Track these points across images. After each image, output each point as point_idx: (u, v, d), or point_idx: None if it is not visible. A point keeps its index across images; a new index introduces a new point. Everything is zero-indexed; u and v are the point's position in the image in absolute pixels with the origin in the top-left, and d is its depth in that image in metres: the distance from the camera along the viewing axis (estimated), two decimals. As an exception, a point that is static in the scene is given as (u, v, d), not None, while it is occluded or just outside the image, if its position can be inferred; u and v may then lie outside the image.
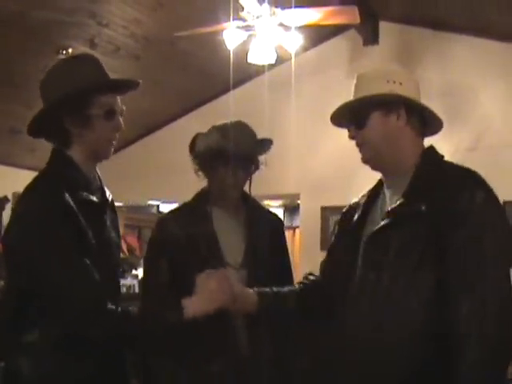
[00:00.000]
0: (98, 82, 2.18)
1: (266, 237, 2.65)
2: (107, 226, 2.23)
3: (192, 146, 2.61)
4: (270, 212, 2.86)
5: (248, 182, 2.67)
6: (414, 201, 1.96)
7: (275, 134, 2.68)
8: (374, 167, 2.17)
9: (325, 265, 2.42)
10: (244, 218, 2.65)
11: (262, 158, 2.65)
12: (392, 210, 2.02)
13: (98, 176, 2.30)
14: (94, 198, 2.17)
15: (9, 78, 6.53)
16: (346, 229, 2.27)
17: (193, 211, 2.60)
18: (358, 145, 2.16)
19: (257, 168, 2.63)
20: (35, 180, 2.14)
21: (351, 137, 2.16)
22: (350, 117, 2.16)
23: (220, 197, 2.61)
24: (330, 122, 2.23)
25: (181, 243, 2.51)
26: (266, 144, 2.63)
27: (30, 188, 2.11)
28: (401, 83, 2.07)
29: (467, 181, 1.95)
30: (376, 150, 2.11)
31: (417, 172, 2.03)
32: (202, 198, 2.64)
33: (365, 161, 2.16)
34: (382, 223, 2.04)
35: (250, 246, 2.58)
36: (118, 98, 2.23)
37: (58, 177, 2.13)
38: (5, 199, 7.38)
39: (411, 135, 2.06)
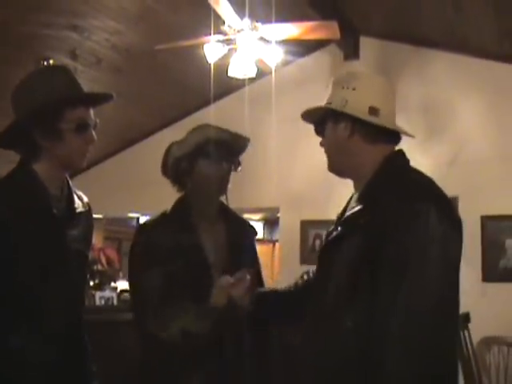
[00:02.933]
0: (68, 95, 2.15)
1: (245, 244, 2.67)
2: (67, 236, 2.20)
3: (166, 156, 2.60)
4: (246, 221, 2.87)
5: (224, 195, 2.68)
6: (358, 212, 1.94)
7: (255, 148, 2.68)
8: (338, 175, 2.18)
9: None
10: (222, 226, 2.65)
11: (240, 159, 2.65)
12: (339, 221, 2.03)
13: (69, 187, 2.29)
14: (54, 210, 2.15)
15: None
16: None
17: (177, 221, 2.58)
18: None
19: (238, 165, 2.62)
20: None
21: (320, 144, 2.18)
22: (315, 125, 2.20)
23: (201, 203, 2.60)
24: (309, 135, 2.23)
25: (169, 252, 2.49)
26: (244, 139, 2.63)
27: None
28: (354, 88, 2.05)
29: (410, 192, 1.87)
30: (332, 159, 2.13)
31: (369, 181, 2.00)
32: (182, 207, 2.63)
33: (328, 169, 2.19)
34: (331, 235, 2.04)
35: (231, 252, 2.59)
36: (91, 111, 2.20)
37: (2, 188, 2.14)
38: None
39: (363, 143, 2.02)
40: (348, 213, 2.01)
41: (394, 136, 2.07)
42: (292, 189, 7.50)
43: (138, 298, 2.58)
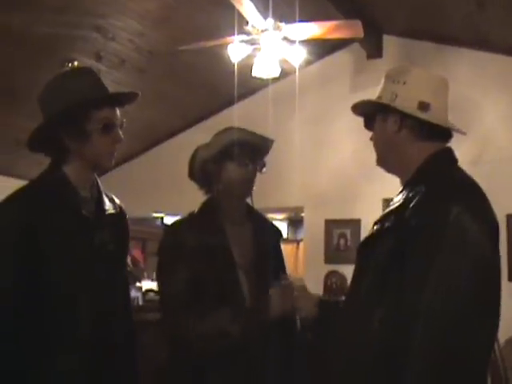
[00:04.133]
0: (93, 96, 2.16)
1: (270, 245, 2.68)
2: (96, 238, 2.21)
3: (193, 159, 2.61)
4: (272, 223, 2.88)
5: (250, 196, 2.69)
6: (393, 211, 1.93)
7: (279, 148, 2.68)
8: (386, 169, 2.13)
9: None
10: (249, 228, 2.66)
11: (265, 160, 2.66)
12: (376, 220, 2.00)
13: (98, 189, 2.31)
14: (83, 212, 2.17)
15: (14, 90, 6.56)
16: None
17: (204, 222, 2.60)
18: None
19: (263, 166, 2.63)
20: (13, 192, 2.16)
21: (371, 138, 2.14)
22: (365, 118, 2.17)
23: (228, 204, 2.61)
24: (333, 135, 2.22)
25: (195, 251, 2.50)
26: (269, 140, 2.64)
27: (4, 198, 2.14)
28: (404, 82, 2.02)
29: (445, 192, 1.85)
30: (380, 153, 2.11)
31: (409, 178, 1.99)
32: (209, 209, 2.64)
33: (377, 163, 2.14)
34: (367, 234, 2.02)
35: (257, 253, 2.60)
36: (117, 111, 2.22)
37: (33, 190, 2.16)
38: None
39: (411, 139, 2.00)
40: (385, 211, 1.98)
41: (445, 133, 2.04)
42: (316, 188, 7.49)
43: (167, 297, 2.59)
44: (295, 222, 11.02)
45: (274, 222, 2.93)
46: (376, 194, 6.46)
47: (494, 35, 6.29)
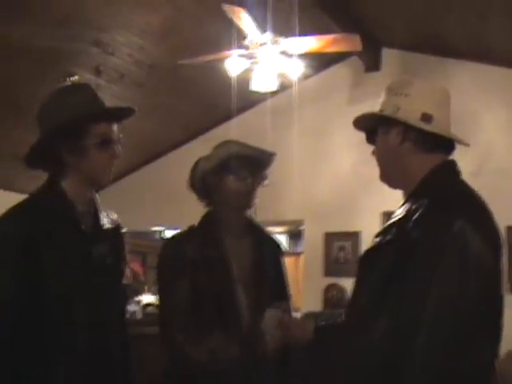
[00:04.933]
0: (91, 111, 2.18)
1: (270, 259, 2.67)
2: (94, 253, 2.21)
3: (194, 171, 2.62)
4: (272, 237, 2.87)
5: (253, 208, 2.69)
6: (394, 223, 1.92)
7: (278, 161, 2.68)
8: (389, 184, 2.12)
9: None
10: (250, 241, 2.66)
11: (266, 174, 2.66)
12: (377, 233, 1.98)
13: (96, 203, 2.31)
14: (81, 226, 2.19)
15: (14, 103, 6.57)
16: None
17: (203, 235, 2.60)
18: None
19: (264, 179, 2.63)
20: (11, 207, 2.16)
21: (373, 152, 2.12)
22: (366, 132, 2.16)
23: (228, 217, 2.61)
24: (332, 148, 2.22)
25: (195, 264, 2.50)
26: (269, 154, 2.65)
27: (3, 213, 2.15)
28: (406, 95, 2.01)
29: (447, 205, 1.84)
30: (383, 167, 2.09)
31: (412, 191, 1.97)
32: (209, 221, 2.64)
33: (380, 178, 2.12)
34: (368, 247, 2.00)
35: (256, 266, 2.59)
36: (115, 126, 2.23)
37: (32, 204, 2.18)
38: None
39: (414, 151, 1.98)
40: (387, 223, 1.97)
41: (448, 144, 2.03)
42: (316, 201, 7.48)
43: (165, 311, 2.59)
44: (295, 235, 11.00)
45: (274, 235, 2.93)
46: (375, 206, 6.45)
47: (496, 47, 6.29)
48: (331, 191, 7.39)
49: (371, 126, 2.10)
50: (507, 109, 6.60)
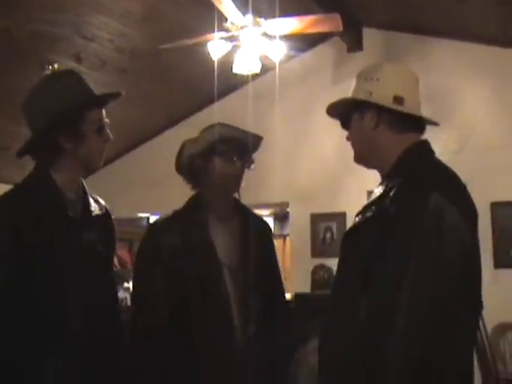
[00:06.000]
0: (88, 97, 2.21)
1: (259, 242, 2.67)
2: (84, 239, 2.23)
3: (180, 153, 2.61)
4: (261, 218, 2.87)
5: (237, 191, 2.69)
6: (372, 202, 1.96)
7: (262, 143, 2.68)
8: (366, 166, 2.18)
9: None
10: (237, 223, 2.66)
11: (253, 157, 2.66)
12: (358, 212, 2.03)
13: (84, 190, 2.32)
14: (70, 214, 2.19)
15: (-7, 94, 6.53)
16: None
17: (187, 218, 2.59)
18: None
19: (251, 163, 2.63)
20: None
21: (347, 138, 2.17)
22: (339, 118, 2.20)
23: (215, 200, 2.61)
24: (315, 129, 2.24)
25: (176, 250, 2.50)
26: (257, 137, 2.65)
27: None
28: (377, 79, 2.06)
29: (422, 181, 1.89)
30: (359, 151, 2.14)
31: (388, 170, 2.02)
32: (195, 205, 2.64)
33: (355, 160, 2.18)
34: (350, 226, 2.05)
35: (244, 250, 2.59)
36: (104, 111, 2.27)
37: (19, 194, 2.19)
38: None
39: (389, 133, 2.04)
40: (367, 202, 2.02)
41: (419, 125, 2.09)
42: (300, 183, 7.50)
43: (136, 296, 2.61)
44: (281, 218, 11.04)
45: (262, 217, 2.93)
46: (360, 186, 6.46)
47: (474, 25, 6.32)
48: (315, 172, 7.41)
49: (345, 112, 2.15)
50: (487, 85, 6.64)
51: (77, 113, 2.17)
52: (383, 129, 2.04)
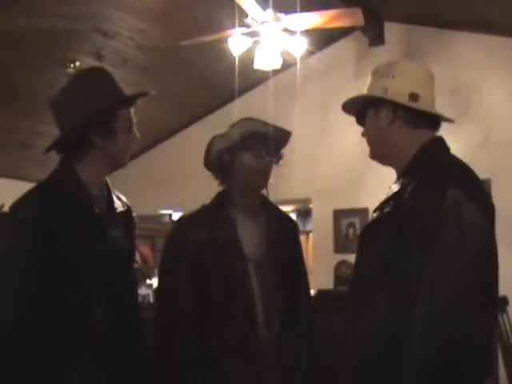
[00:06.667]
0: (120, 96, 2.26)
1: (285, 238, 2.67)
2: (109, 236, 2.25)
3: (209, 149, 2.60)
4: (288, 215, 2.87)
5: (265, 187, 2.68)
6: (391, 197, 1.98)
7: (286, 139, 2.68)
8: (381, 162, 2.20)
9: None
10: (264, 220, 2.65)
11: (282, 153, 2.66)
12: (375, 208, 2.05)
13: (108, 187, 2.33)
14: (96, 210, 2.22)
15: (15, 93, 6.57)
16: None
17: (214, 214, 2.60)
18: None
19: (280, 158, 2.63)
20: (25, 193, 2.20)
21: (362, 134, 2.20)
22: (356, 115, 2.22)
23: (243, 196, 2.61)
24: (336, 125, 2.25)
25: (202, 246, 2.51)
26: (286, 132, 2.65)
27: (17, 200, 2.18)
28: (393, 76, 2.08)
29: (440, 176, 1.91)
30: (374, 147, 2.17)
31: (405, 167, 2.04)
32: (222, 200, 2.64)
33: (370, 157, 2.21)
34: (368, 222, 2.08)
35: (270, 246, 2.59)
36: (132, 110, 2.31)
37: (46, 190, 2.21)
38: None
39: (404, 129, 2.06)
40: (384, 198, 2.03)
41: (434, 122, 2.11)
42: (323, 179, 7.49)
43: (161, 292, 2.62)
44: (304, 214, 11.00)
45: (289, 214, 2.92)
46: (382, 181, 6.38)
47: (496, 18, 6.26)
48: (338, 168, 7.39)
49: (360, 109, 2.17)
50: (510, 78, 6.57)
51: (112, 110, 2.21)
52: (398, 125, 2.06)
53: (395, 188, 1.99)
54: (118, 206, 2.35)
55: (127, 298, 2.33)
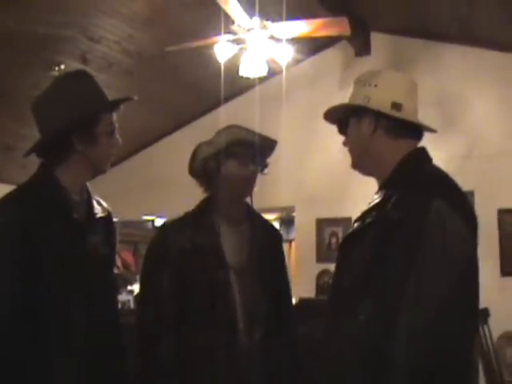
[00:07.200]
0: (103, 101, 2.25)
1: (269, 247, 2.67)
2: (88, 242, 2.23)
3: (194, 155, 2.60)
4: (271, 224, 2.88)
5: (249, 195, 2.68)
6: (372, 207, 1.97)
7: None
8: (362, 172, 2.19)
9: None
10: (247, 228, 2.65)
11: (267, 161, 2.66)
12: (357, 218, 2.04)
13: (88, 192, 2.32)
14: (75, 215, 2.20)
15: (2, 93, 6.53)
16: None
17: (197, 221, 2.59)
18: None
19: (265, 166, 2.63)
20: (4, 197, 2.18)
21: (344, 143, 2.19)
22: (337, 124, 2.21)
23: (227, 203, 2.60)
24: (321, 133, 2.25)
25: (185, 253, 2.50)
26: (272, 141, 2.65)
27: None
28: (376, 85, 2.07)
29: (422, 187, 1.90)
30: (356, 157, 2.15)
31: (387, 177, 2.03)
32: (206, 208, 2.64)
33: (352, 166, 2.19)
34: (349, 232, 2.07)
35: (253, 255, 2.59)
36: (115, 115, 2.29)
37: (26, 194, 2.20)
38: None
39: (386, 139, 2.05)
40: (366, 208, 2.02)
41: (417, 132, 2.10)
42: (307, 187, 7.50)
43: (144, 298, 2.61)
44: (287, 222, 11.00)
45: (273, 223, 2.92)
46: (366, 191, 6.41)
47: (483, 31, 6.31)
48: (322, 177, 7.40)
49: (342, 118, 2.16)
50: (496, 92, 6.62)
51: (94, 115, 2.20)
52: (380, 135, 2.05)
53: (377, 198, 1.99)
54: (98, 211, 2.34)
55: (106, 304, 2.32)
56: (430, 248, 1.77)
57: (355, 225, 2.03)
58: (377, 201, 1.98)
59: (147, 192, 8.34)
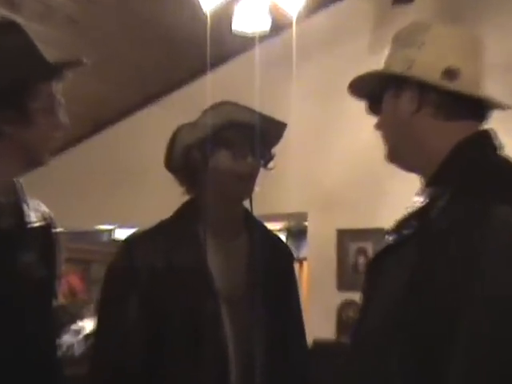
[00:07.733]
0: (39, 65, 2.23)
1: (274, 270, 2.67)
2: (18, 261, 2.23)
3: (172, 142, 2.60)
4: (278, 238, 2.88)
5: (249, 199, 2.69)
6: (413, 217, 1.96)
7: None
8: (401, 166, 2.19)
9: None
10: (245, 242, 2.66)
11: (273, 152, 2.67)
12: (391, 229, 2.04)
13: (18, 192, 2.31)
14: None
15: None
16: None
17: (176, 233, 2.60)
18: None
19: (270, 159, 2.64)
20: None
21: (375, 127, 2.20)
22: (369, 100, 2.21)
23: (217, 209, 2.61)
24: (344, 114, 2.25)
25: (158, 274, 2.51)
26: (279, 123, 2.65)
27: None
28: (422, 44, 2.05)
29: (484, 190, 1.85)
30: (391, 145, 2.16)
31: (433, 174, 2.02)
32: (187, 214, 2.64)
33: (387, 159, 2.19)
34: (380, 248, 2.06)
35: (252, 279, 2.59)
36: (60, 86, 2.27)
37: None
38: None
39: (434, 121, 2.03)
40: (403, 216, 2.02)
41: (479, 109, 2.07)
42: (324, 188, 7.50)
43: (102, 336, 2.61)
44: (296, 234, 11.04)
45: (281, 237, 2.93)
46: (406, 193, 6.43)
47: None
48: (346, 174, 7.40)
49: (374, 91, 2.15)
50: None
51: (24, 86, 2.17)
52: (427, 114, 2.04)
53: (419, 202, 1.98)
54: (33, 218, 2.33)
55: (41, 352, 2.31)
56: (492, 272, 1.72)
57: (389, 238, 2.02)
58: (419, 205, 1.96)
59: (104, 191, 8.33)
